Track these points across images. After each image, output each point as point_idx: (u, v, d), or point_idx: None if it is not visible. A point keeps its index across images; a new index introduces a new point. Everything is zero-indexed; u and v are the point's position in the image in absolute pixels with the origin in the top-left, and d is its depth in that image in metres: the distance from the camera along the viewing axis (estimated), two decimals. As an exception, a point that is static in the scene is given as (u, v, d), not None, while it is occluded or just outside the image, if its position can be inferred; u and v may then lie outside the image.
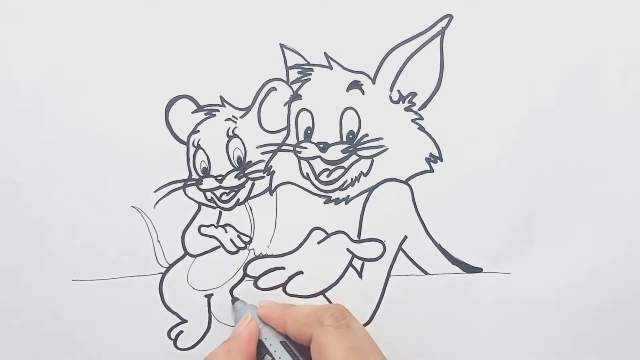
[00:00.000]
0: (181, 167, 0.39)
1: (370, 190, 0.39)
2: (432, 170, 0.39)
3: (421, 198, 0.39)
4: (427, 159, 0.39)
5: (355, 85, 0.39)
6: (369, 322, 0.40)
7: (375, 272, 0.40)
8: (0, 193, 0.38)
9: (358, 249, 0.40)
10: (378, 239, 0.40)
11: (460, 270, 0.40)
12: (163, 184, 0.39)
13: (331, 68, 0.39)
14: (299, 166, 0.39)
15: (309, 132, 0.39)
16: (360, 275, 0.40)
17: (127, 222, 0.38)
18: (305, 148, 0.39)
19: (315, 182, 0.39)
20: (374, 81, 0.39)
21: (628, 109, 0.39)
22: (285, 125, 0.39)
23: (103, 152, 0.38)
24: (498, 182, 0.39)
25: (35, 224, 0.38)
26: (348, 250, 0.40)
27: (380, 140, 0.39)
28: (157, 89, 0.38)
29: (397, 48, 0.39)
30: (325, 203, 0.39)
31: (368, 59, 0.39)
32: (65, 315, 0.39)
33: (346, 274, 0.40)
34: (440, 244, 0.39)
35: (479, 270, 0.40)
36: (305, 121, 0.39)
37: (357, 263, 0.40)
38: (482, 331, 0.40)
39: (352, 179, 0.39)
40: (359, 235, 0.40)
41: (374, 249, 0.40)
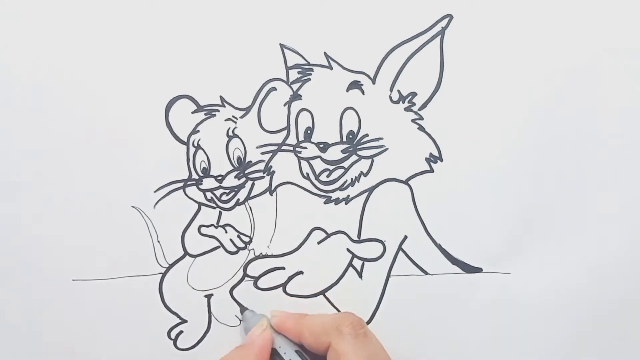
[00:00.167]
0: (181, 167, 0.39)
1: (370, 190, 0.39)
2: (432, 170, 0.39)
3: (421, 198, 0.39)
4: (427, 159, 0.39)
5: (355, 85, 0.39)
6: (369, 322, 0.39)
7: (375, 272, 0.40)
8: (0, 193, 0.38)
9: (358, 249, 0.40)
10: (378, 239, 0.40)
11: (460, 270, 0.40)
12: (163, 184, 0.39)
13: (331, 68, 0.39)
14: (299, 166, 0.39)
15: (309, 132, 0.39)
16: (360, 275, 0.40)
17: (127, 222, 0.38)
18: (305, 148, 0.39)
19: (315, 182, 0.39)
20: (374, 81, 0.39)
21: (628, 109, 0.39)
22: (285, 125, 0.39)
23: (103, 152, 0.38)
24: (498, 182, 0.39)
25: (35, 224, 0.38)
26: (348, 250, 0.40)
27: (380, 140, 0.39)
28: (157, 89, 0.38)
29: (397, 48, 0.39)
30: (325, 203, 0.39)
31: (368, 59, 0.39)
32: (65, 315, 0.39)
33: (346, 274, 0.40)
34: (440, 244, 0.39)
35: (479, 270, 0.40)
36: (305, 121, 0.39)
37: (357, 263, 0.40)
38: (482, 331, 0.40)
39: (352, 179, 0.39)
40: (359, 235, 0.40)
41: (374, 249, 0.40)
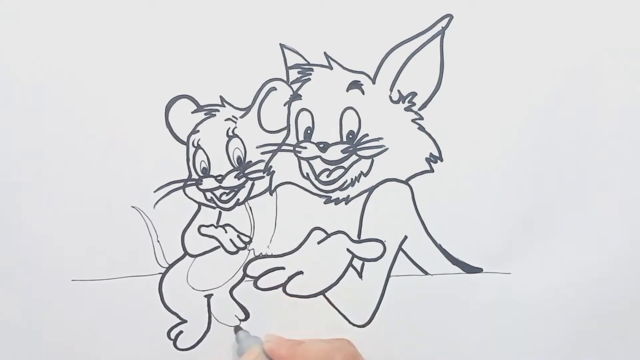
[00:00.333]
0: (181, 167, 0.39)
1: (370, 190, 0.39)
2: (432, 170, 0.39)
3: (421, 198, 0.39)
4: (427, 159, 0.39)
5: (355, 85, 0.39)
6: (369, 322, 0.40)
7: (375, 272, 0.40)
8: (0, 193, 0.38)
9: (358, 249, 0.40)
10: (378, 239, 0.40)
11: (460, 271, 0.40)
12: (163, 184, 0.39)
13: (331, 68, 0.39)
14: (299, 166, 0.39)
15: (309, 132, 0.39)
16: (360, 275, 0.40)
17: (127, 222, 0.38)
18: (305, 148, 0.39)
19: (315, 182, 0.39)
20: (374, 81, 0.39)
21: (628, 109, 0.39)
22: (285, 125, 0.39)
23: (103, 152, 0.38)
24: (498, 182, 0.39)
25: (35, 224, 0.38)
26: (348, 250, 0.40)
27: (380, 140, 0.39)
28: (157, 89, 0.38)
29: (397, 48, 0.39)
30: (325, 203, 0.39)
31: (368, 59, 0.39)
32: (65, 315, 0.39)
33: (346, 274, 0.40)
34: (440, 244, 0.39)
35: (479, 270, 0.40)
36: (305, 121, 0.39)
37: (357, 263, 0.40)
38: (482, 331, 0.40)
39: (352, 179, 0.39)
40: (359, 235, 0.40)
41: (374, 249, 0.40)
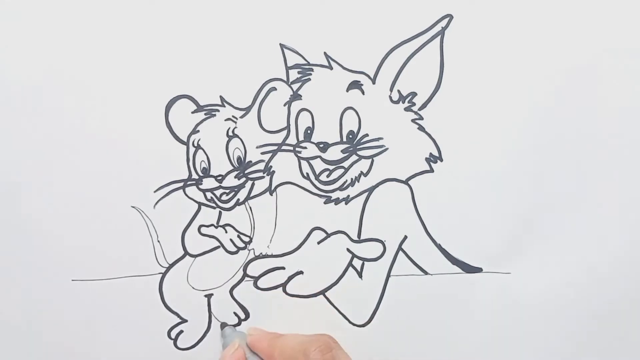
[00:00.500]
0: (181, 167, 0.39)
1: (370, 190, 0.39)
2: (432, 170, 0.39)
3: (421, 198, 0.39)
4: (427, 159, 0.39)
5: (355, 85, 0.39)
6: (369, 322, 0.40)
7: (375, 272, 0.40)
8: (0, 193, 0.38)
9: (358, 249, 0.40)
10: (378, 239, 0.40)
11: (460, 270, 0.40)
12: (163, 184, 0.39)
13: (331, 68, 0.39)
14: (299, 166, 0.39)
15: (309, 132, 0.39)
16: (360, 275, 0.40)
17: (127, 222, 0.38)
18: (305, 148, 0.39)
19: (315, 182, 0.39)
20: (374, 81, 0.39)
21: (628, 109, 0.39)
22: (285, 125, 0.39)
23: (103, 152, 0.38)
24: (498, 182, 0.39)
25: (35, 224, 0.38)
26: (348, 250, 0.40)
27: (380, 140, 0.39)
28: (157, 89, 0.38)
29: (397, 48, 0.39)
30: (325, 203, 0.39)
31: (368, 59, 0.39)
32: (65, 315, 0.39)
33: (346, 274, 0.40)
34: (440, 244, 0.39)
35: (479, 270, 0.40)
36: (305, 121, 0.39)
37: (357, 263, 0.40)
38: (482, 331, 0.40)
39: (352, 179, 0.39)
40: (359, 235, 0.40)
41: (374, 249, 0.40)
